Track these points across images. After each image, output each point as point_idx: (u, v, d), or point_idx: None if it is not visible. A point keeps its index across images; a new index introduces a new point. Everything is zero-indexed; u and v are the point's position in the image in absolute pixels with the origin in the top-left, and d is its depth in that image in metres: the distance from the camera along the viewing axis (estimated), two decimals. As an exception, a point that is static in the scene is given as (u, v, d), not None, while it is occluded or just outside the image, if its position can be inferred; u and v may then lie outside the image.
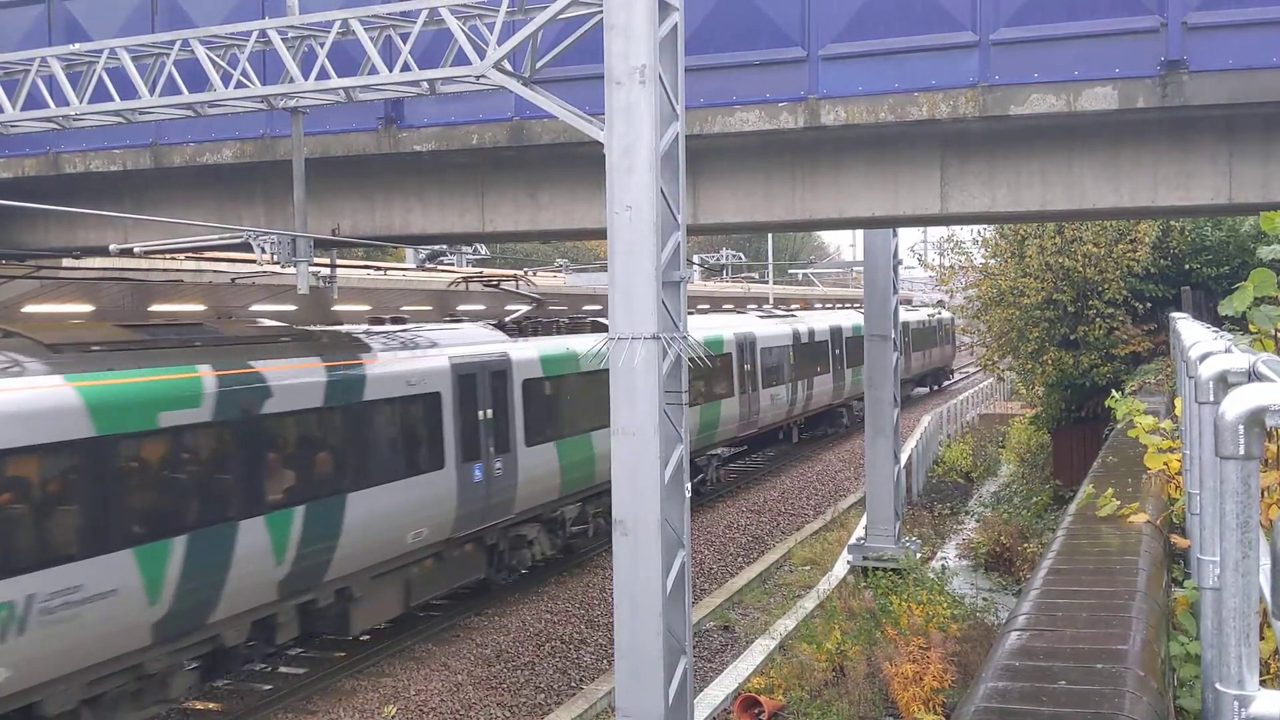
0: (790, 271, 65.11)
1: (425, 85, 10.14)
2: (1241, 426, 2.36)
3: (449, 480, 15.80)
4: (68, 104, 11.27)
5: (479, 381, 16.60)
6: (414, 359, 15.65)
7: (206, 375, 12.31)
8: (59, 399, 10.61)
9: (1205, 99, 9.70)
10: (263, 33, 10.51)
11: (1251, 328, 5.33)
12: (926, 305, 51.86)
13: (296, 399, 13.40)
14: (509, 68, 9.58)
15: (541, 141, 11.72)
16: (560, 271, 32.83)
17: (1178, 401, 7.55)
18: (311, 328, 15.83)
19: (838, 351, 36.23)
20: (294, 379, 13.45)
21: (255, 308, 27.08)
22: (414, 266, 15.47)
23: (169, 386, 11.80)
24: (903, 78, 10.48)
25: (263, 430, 12.95)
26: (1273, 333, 5.22)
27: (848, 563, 19.34)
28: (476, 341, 17.39)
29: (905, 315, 39.26)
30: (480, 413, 16.53)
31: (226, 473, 12.49)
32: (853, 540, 20.02)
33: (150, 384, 11.63)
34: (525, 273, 26.30)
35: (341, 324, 17.94)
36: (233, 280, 20.33)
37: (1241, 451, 2.38)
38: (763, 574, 19.90)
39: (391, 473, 14.77)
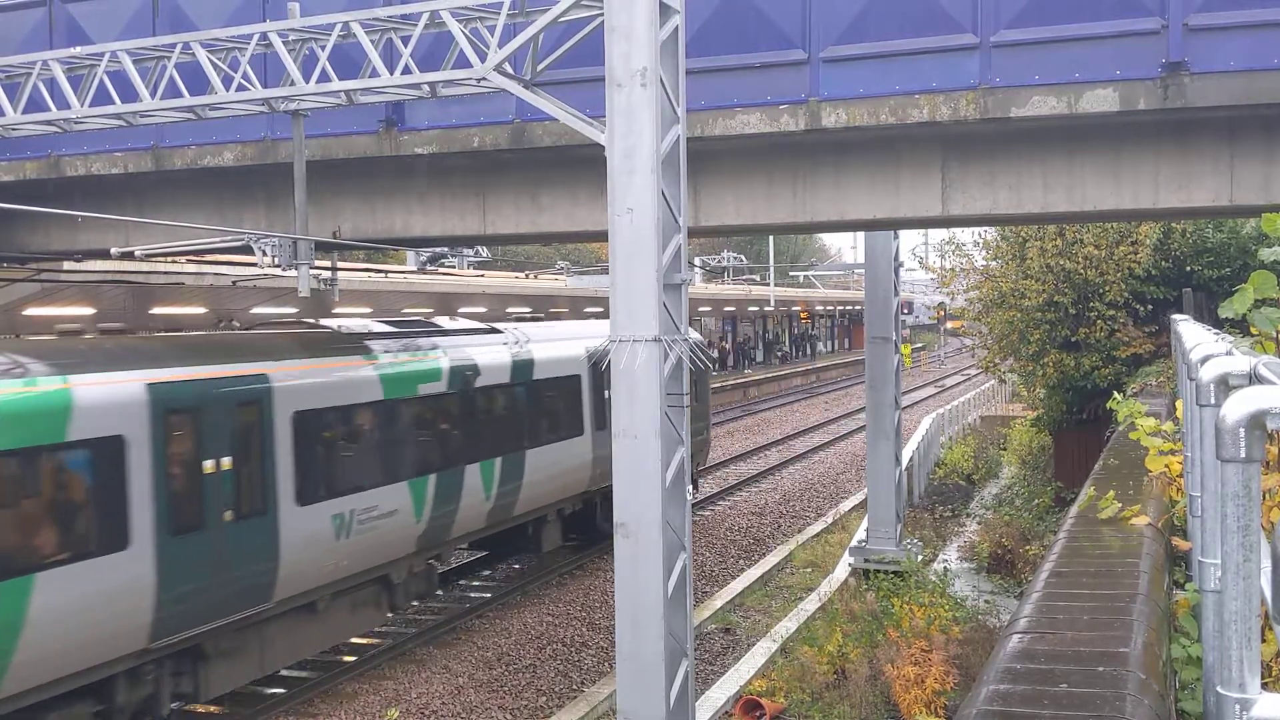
0: (791, 274, 65.07)
1: (426, 88, 10.15)
2: (1242, 429, 2.36)
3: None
4: (69, 107, 11.28)
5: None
6: None
7: None
8: None
9: (1206, 101, 9.68)
10: (264, 35, 10.52)
11: (1252, 330, 5.32)
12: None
13: None
14: (510, 70, 9.59)
15: (542, 144, 11.72)
16: (561, 273, 32.88)
17: (1179, 403, 7.53)
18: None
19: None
20: None
21: (256, 310, 27.11)
22: (415, 269, 15.39)
23: None
24: (904, 80, 10.48)
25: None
26: (1274, 335, 5.20)
27: (849, 565, 19.31)
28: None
29: (487, 353, 17.21)
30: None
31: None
32: (854, 542, 19.98)
33: None
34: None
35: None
36: (234, 283, 20.37)
37: (1242, 454, 2.37)
38: (764, 576, 19.87)
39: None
